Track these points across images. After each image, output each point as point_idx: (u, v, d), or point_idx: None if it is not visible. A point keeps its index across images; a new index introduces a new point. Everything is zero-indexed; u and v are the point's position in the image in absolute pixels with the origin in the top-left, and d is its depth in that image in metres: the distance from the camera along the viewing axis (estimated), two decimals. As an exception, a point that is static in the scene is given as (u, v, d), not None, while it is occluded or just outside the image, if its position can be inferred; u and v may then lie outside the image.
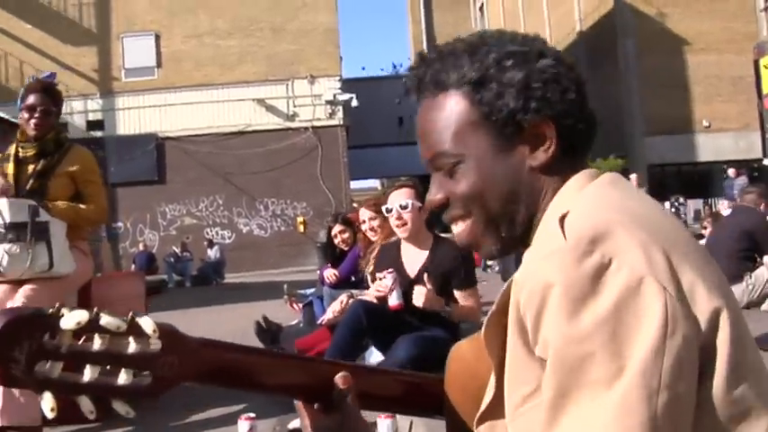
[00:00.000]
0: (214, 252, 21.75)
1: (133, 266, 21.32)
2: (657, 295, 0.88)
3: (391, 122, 35.29)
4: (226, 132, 25.28)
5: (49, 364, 0.92)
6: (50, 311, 0.90)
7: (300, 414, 1.16)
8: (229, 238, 25.49)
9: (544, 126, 1.11)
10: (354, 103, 25.36)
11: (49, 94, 4.11)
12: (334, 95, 25.62)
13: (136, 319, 0.94)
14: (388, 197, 4.43)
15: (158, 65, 25.97)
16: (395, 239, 4.59)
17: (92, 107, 25.60)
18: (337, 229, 6.65)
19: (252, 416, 3.29)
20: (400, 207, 4.21)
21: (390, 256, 4.44)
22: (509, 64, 1.11)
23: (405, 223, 4.23)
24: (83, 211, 4.06)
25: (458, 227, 1.19)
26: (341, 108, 25.79)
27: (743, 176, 20.52)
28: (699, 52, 30.25)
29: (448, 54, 1.16)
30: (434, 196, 1.18)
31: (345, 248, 6.52)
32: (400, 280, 4.15)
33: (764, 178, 20.85)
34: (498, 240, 1.17)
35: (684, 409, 0.88)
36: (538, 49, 1.14)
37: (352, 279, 6.06)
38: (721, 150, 29.87)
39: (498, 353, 1.07)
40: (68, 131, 22.39)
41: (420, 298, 4.03)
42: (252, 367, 1.08)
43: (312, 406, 1.15)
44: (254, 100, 25.39)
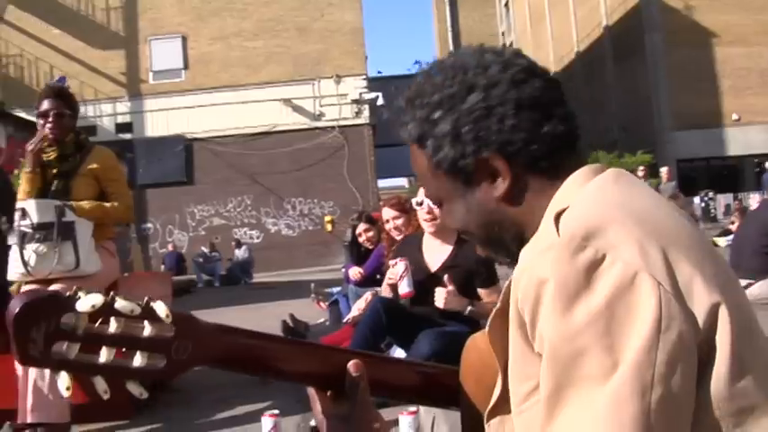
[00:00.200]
0: (242, 252, 21.87)
1: (162, 267, 21.48)
2: (652, 290, 0.88)
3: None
4: (253, 133, 25.38)
5: (65, 345, 0.95)
6: (68, 294, 0.93)
7: (312, 401, 1.16)
8: (258, 237, 25.60)
9: (489, 162, 1.14)
10: (380, 102, 25.34)
11: (62, 97, 4.19)
12: (360, 94, 25.62)
13: (150, 304, 0.97)
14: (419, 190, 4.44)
15: (185, 67, 26.15)
16: (419, 232, 4.60)
17: (120, 110, 25.84)
18: (362, 227, 6.68)
19: (276, 413, 3.33)
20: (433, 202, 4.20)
21: (411, 248, 4.45)
22: (437, 116, 1.15)
23: (435, 218, 4.24)
24: (108, 209, 4.12)
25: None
26: (367, 107, 25.78)
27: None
28: (727, 45, 29.88)
29: (398, 112, 1.23)
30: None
31: (370, 247, 6.54)
32: (416, 270, 4.15)
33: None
34: (502, 254, 1.25)
35: (680, 404, 0.87)
36: (468, 84, 1.14)
37: (377, 277, 6.07)
38: (751, 144, 29.49)
39: (503, 350, 1.08)
40: (97, 134, 22.69)
41: (440, 299, 4.04)
42: (265, 353, 1.10)
43: (324, 393, 1.16)
44: (280, 100, 25.47)
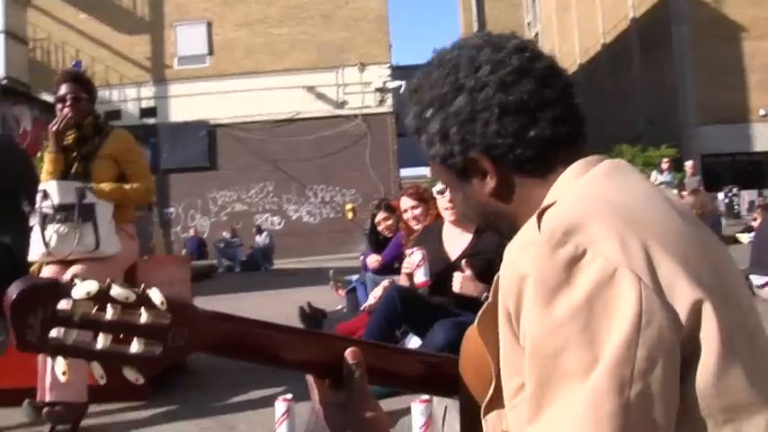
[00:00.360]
0: (263, 238, 21.95)
1: (184, 251, 21.62)
2: (632, 285, 0.87)
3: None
4: (276, 120, 25.47)
5: (63, 331, 0.96)
6: (64, 281, 0.94)
7: (310, 389, 1.16)
8: (279, 224, 25.71)
9: (476, 160, 1.16)
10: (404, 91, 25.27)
11: (78, 82, 4.23)
12: (383, 83, 25.65)
13: (146, 292, 0.98)
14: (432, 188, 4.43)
15: (210, 52, 26.27)
16: (437, 221, 4.60)
17: (145, 95, 26.05)
18: (381, 216, 6.69)
19: (289, 397, 3.35)
20: None
21: (431, 237, 4.44)
22: (428, 114, 1.18)
23: (456, 206, 4.23)
24: (128, 190, 4.17)
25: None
26: (390, 95, 25.77)
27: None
28: (756, 39, 29.53)
29: (402, 101, 1.28)
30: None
31: (389, 235, 6.55)
32: (437, 262, 4.15)
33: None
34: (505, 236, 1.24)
35: (661, 401, 0.86)
36: (457, 86, 1.15)
37: (395, 265, 6.08)
38: (778, 140, 29.21)
39: (494, 345, 1.07)
40: (121, 119, 22.85)
41: (456, 283, 4.03)
42: (262, 341, 1.10)
43: (323, 381, 1.16)
44: (304, 87, 25.52)
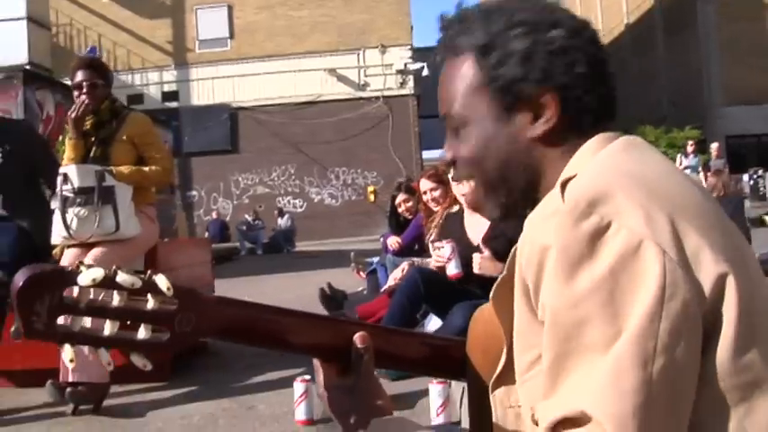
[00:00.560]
0: (284, 221, 22.03)
1: (206, 234, 21.74)
2: (656, 258, 0.86)
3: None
4: (297, 102, 25.47)
5: (70, 318, 0.97)
6: (70, 268, 0.95)
7: (317, 372, 1.17)
8: (301, 207, 25.77)
9: (544, 97, 1.11)
10: (425, 72, 25.18)
11: (94, 68, 4.26)
12: (404, 65, 25.53)
13: (152, 278, 0.98)
14: (449, 167, 4.41)
15: (231, 36, 26.27)
16: (458, 208, 4.59)
17: (167, 78, 26.13)
18: (401, 197, 6.69)
19: (308, 378, 3.38)
20: None
21: (454, 224, 4.44)
22: (516, 33, 1.11)
23: (473, 191, 4.21)
24: (147, 172, 4.20)
25: (464, 187, 1.23)
26: (412, 77, 25.67)
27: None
28: (783, 18, 29.10)
29: (464, 18, 1.17)
30: (445, 155, 1.23)
31: (409, 217, 6.56)
32: (461, 249, 4.15)
33: None
34: (498, 205, 1.20)
35: (683, 375, 0.85)
36: (553, 20, 1.12)
37: (415, 247, 6.09)
38: (804, 122, 28.76)
39: (508, 319, 1.06)
40: (144, 102, 22.96)
41: (475, 264, 4.03)
42: (269, 325, 1.10)
43: (329, 365, 1.16)
44: (325, 70, 25.49)
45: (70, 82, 4.27)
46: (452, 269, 4.11)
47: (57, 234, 3.98)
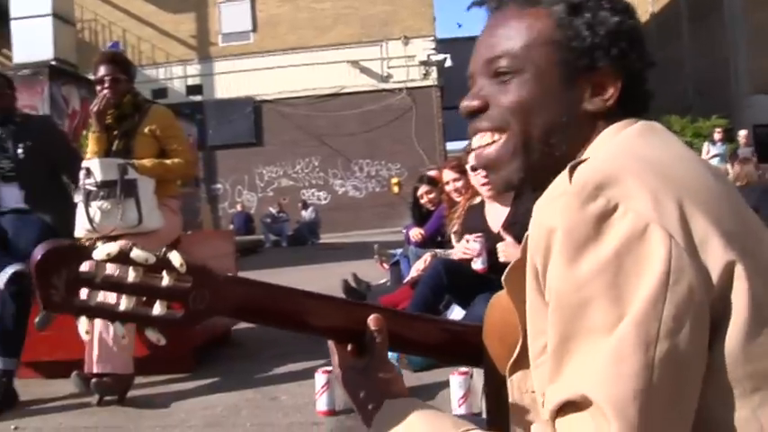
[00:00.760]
0: (309, 213, 22.09)
1: (231, 227, 21.86)
2: (662, 242, 0.85)
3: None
4: (321, 95, 25.49)
5: (87, 292, 0.99)
6: (87, 243, 0.96)
7: (331, 353, 1.17)
8: (325, 199, 25.82)
9: (613, 76, 1.10)
10: (448, 64, 25.10)
11: (116, 62, 4.30)
12: (428, 56, 25.43)
13: (166, 255, 0.99)
14: (468, 155, 4.41)
15: (254, 29, 26.32)
16: (480, 199, 4.58)
17: (190, 72, 26.25)
18: (423, 189, 6.68)
19: (329, 369, 3.38)
20: None
21: (475, 216, 4.43)
22: (608, 6, 1.11)
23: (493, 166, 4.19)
24: (169, 165, 4.24)
25: (482, 138, 1.14)
26: (435, 69, 25.60)
27: None
28: (812, 4, 28.62)
29: None
30: (472, 101, 1.14)
31: (432, 208, 6.55)
32: (488, 244, 4.14)
33: None
34: (524, 167, 1.13)
35: (687, 360, 0.84)
36: (633, 9, 1.15)
37: (438, 238, 6.08)
38: (834, 109, 28.29)
39: (522, 302, 1.05)
40: (168, 96, 23.11)
41: (501, 253, 4.02)
42: (284, 305, 1.11)
43: (344, 346, 1.17)
44: (348, 62, 25.47)
45: (93, 77, 4.31)
46: (479, 264, 4.12)
47: (80, 227, 4.02)
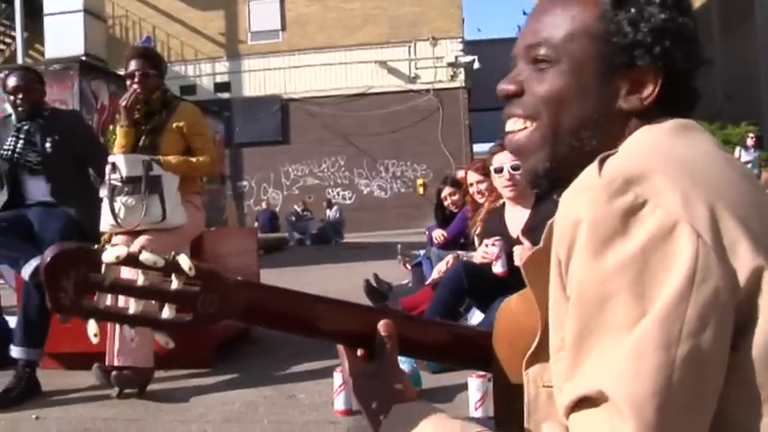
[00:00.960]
0: (333, 212, 22.11)
1: (256, 224, 21.94)
2: (690, 241, 0.84)
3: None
4: (348, 94, 25.56)
5: (96, 294, 0.99)
6: (96, 247, 0.97)
7: (341, 358, 1.17)
8: (350, 198, 25.87)
9: (653, 75, 1.06)
10: (476, 66, 25.03)
11: (147, 58, 4.33)
12: (455, 57, 25.41)
13: (175, 258, 1.00)
14: (493, 156, 4.40)
15: (283, 28, 26.43)
16: (501, 202, 4.57)
17: (219, 70, 26.43)
18: (447, 191, 6.68)
19: (347, 368, 3.39)
20: (512, 168, 4.18)
21: (496, 220, 4.43)
22: (657, 1, 1.07)
23: (515, 184, 4.21)
24: (194, 163, 4.27)
25: (515, 124, 1.13)
26: (462, 70, 25.55)
27: None
28: None
29: None
30: (509, 85, 1.13)
31: (455, 210, 6.54)
32: (507, 247, 4.13)
33: None
34: (550, 158, 1.12)
35: (708, 362, 0.83)
36: (687, 6, 1.11)
37: (461, 240, 6.07)
38: None
39: (542, 292, 1.04)
40: (196, 93, 23.26)
41: (517, 257, 4.02)
42: (294, 309, 1.11)
43: (354, 351, 1.17)
44: (375, 62, 25.52)
45: (124, 71, 4.35)
46: (499, 267, 4.13)
47: (105, 222, 4.06)
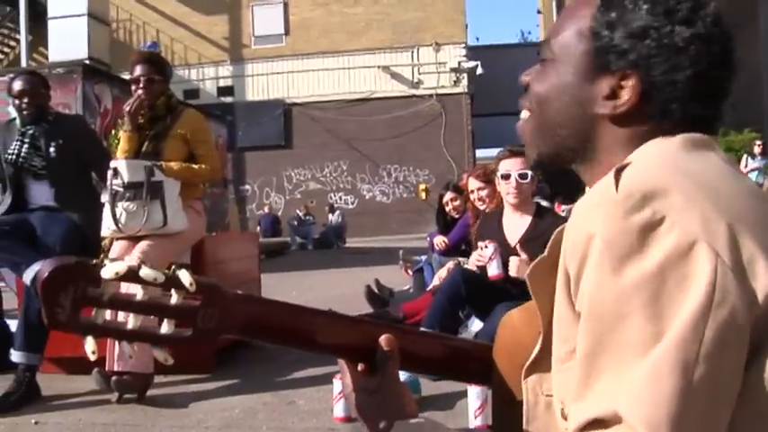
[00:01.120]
0: (335, 217, 22.12)
1: (258, 228, 21.94)
2: (708, 260, 0.82)
3: (517, 91, 34.71)
4: (351, 99, 25.57)
5: (94, 310, 0.99)
6: (94, 261, 0.97)
7: (342, 372, 1.16)
8: (352, 203, 25.86)
9: (628, 81, 1.04)
10: (480, 71, 25.04)
11: (152, 63, 4.32)
12: (459, 63, 25.41)
13: (176, 273, 0.99)
14: (499, 162, 4.38)
15: (286, 32, 26.46)
16: (499, 208, 4.57)
17: (222, 74, 26.46)
18: (448, 196, 6.66)
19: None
20: (519, 177, 4.17)
21: (492, 224, 4.42)
22: (645, 7, 1.03)
23: (520, 192, 4.20)
24: (196, 170, 4.27)
25: (524, 113, 1.20)
26: (465, 76, 25.55)
27: None
28: None
29: None
30: (526, 76, 1.19)
31: (457, 216, 6.53)
32: (501, 250, 4.13)
33: None
34: (537, 149, 1.17)
35: (724, 385, 0.82)
36: (687, 16, 1.03)
37: (462, 247, 6.06)
38: None
39: (547, 302, 1.03)
40: (200, 97, 23.27)
41: (513, 267, 4.01)
42: (294, 324, 1.11)
43: (355, 366, 1.16)
44: (378, 67, 25.52)
45: (129, 76, 4.35)
46: (494, 270, 4.09)
47: (106, 227, 4.08)
